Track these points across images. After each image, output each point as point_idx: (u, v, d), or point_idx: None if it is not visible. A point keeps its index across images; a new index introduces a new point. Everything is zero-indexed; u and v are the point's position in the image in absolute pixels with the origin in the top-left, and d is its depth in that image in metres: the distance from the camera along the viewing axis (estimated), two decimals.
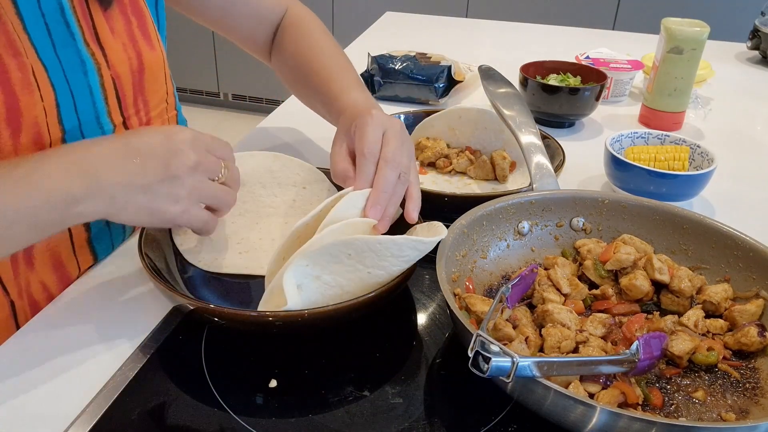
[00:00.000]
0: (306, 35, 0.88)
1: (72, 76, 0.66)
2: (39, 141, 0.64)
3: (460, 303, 0.61)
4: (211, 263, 0.69)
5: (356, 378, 0.57)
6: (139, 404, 0.54)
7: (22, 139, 0.62)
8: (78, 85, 0.67)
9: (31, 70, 0.62)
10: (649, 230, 0.69)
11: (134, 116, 0.75)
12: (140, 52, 0.73)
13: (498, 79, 0.93)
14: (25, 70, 0.62)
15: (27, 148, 0.63)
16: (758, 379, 0.56)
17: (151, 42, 0.75)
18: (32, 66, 0.62)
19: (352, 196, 0.62)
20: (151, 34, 0.75)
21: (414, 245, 0.58)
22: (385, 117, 0.68)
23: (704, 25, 1.03)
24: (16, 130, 0.62)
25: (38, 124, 0.63)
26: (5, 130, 0.61)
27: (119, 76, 0.71)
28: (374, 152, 0.64)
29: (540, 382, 0.46)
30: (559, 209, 0.71)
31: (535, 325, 0.59)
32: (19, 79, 0.61)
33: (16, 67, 0.61)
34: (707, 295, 0.62)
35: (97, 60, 0.69)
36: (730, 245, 0.65)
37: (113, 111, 0.71)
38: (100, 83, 0.69)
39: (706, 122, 1.16)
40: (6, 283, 0.65)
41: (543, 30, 1.71)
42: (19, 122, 0.62)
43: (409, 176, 0.66)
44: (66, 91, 0.66)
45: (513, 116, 0.83)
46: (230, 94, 3.52)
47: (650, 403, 0.53)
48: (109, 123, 0.71)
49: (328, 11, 3.05)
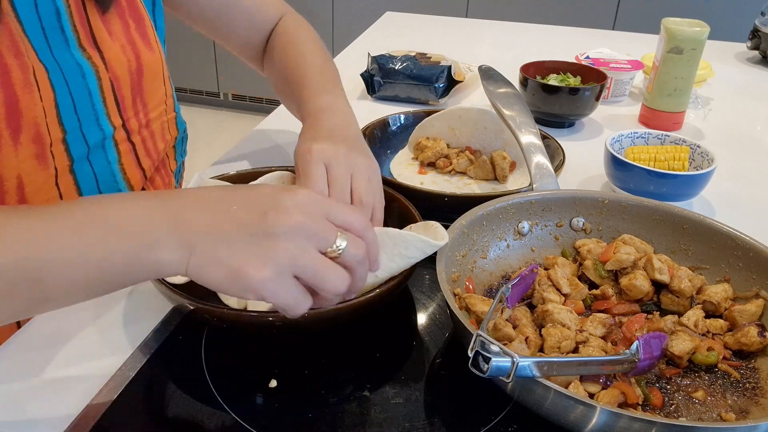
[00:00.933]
0: (293, 43, 0.87)
1: (71, 78, 0.66)
2: (39, 140, 0.64)
3: (460, 303, 0.61)
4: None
5: (356, 378, 0.57)
6: (139, 404, 0.54)
7: (22, 139, 0.62)
8: (77, 87, 0.67)
9: (32, 71, 0.62)
10: (649, 230, 0.69)
11: (133, 118, 0.75)
12: (139, 53, 0.73)
13: (498, 79, 0.93)
14: (27, 71, 0.62)
15: (27, 148, 0.63)
16: (758, 379, 0.56)
17: (149, 44, 0.75)
18: (33, 66, 0.62)
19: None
20: (149, 36, 0.75)
21: (421, 246, 0.58)
22: (326, 150, 0.63)
23: (704, 25, 1.03)
24: (16, 130, 0.62)
25: (38, 124, 0.63)
26: (5, 129, 0.61)
27: (117, 78, 0.71)
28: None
29: (540, 382, 0.46)
30: (559, 209, 0.71)
31: (535, 325, 0.59)
32: (19, 78, 0.61)
33: (17, 67, 0.61)
34: (707, 295, 0.62)
35: (94, 63, 0.69)
36: (730, 245, 0.65)
37: (112, 113, 0.72)
38: (98, 86, 0.69)
39: (706, 122, 1.16)
40: None
41: (543, 30, 1.71)
42: (19, 122, 0.62)
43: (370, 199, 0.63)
44: (65, 93, 0.66)
45: (513, 116, 0.83)
46: (230, 94, 3.52)
47: (650, 403, 0.53)
48: (108, 125, 0.71)
49: (328, 11, 3.05)
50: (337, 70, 0.84)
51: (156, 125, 0.80)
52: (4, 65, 0.60)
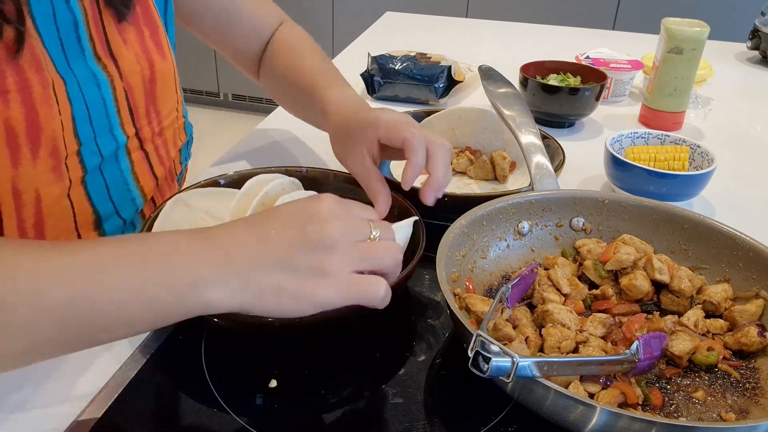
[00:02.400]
0: (295, 49, 0.88)
1: (86, 89, 0.66)
2: (56, 154, 0.64)
3: (460, 303, 0.61)
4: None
5: (356, 378, 0.57)
6: (139, 404, 0.54)
7: (41, 153, 0.62)
8: (92, 98, 0.67)
9: (51, 85, 0.62)
10: (649, 230, 0.69)
11: (146, 126, 0.75)
12: (152, 62, 0.73)
13: (498, 79, 0.93)
14: (47, 85, 0.62)
15: (45, 162, 0.63)
16: (758, 379, 0.56)
17: (163, 52, 0.75)
18: (53, 80, 0.62)
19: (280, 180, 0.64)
20: (163, 44, 0.75)
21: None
22: (425, 132, 0.65)
23: (704, 25, 1.03)
24: (36, 145, 0.62)
25: (55, 138, 0.63)
26: (25, 145, 0.61)
27: (131, 87, 0.71)
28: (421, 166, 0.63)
29: (540, 382, 0.46)
30: (559, 209, 0.71)
31: (535, 325, 0.59)
32: (40, 94, 0.61)
33: (38, 82, 0.61)
34: (707, 295, 0.62)
35: (109, 73, 0.68)
36: (730, 245, 0.64)
37: (126, 122, 0.72)
38: (113, 96, 0.69)
39: (706, 122, 1.16)
40: None
41: (543, 30, 1.71)
42: (39, 136, 0.62)
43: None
44: (81, 105, 0.66)
45: (513, 116, 0.83)
46: (230, 94, 3.52)
47: (650, 403, 0.53)
48: (122, 134, 0.71)
49: (328, 11, 3.05)
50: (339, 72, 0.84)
51: (168, 132, 0.80)
52: (25, 80, 0.60)
